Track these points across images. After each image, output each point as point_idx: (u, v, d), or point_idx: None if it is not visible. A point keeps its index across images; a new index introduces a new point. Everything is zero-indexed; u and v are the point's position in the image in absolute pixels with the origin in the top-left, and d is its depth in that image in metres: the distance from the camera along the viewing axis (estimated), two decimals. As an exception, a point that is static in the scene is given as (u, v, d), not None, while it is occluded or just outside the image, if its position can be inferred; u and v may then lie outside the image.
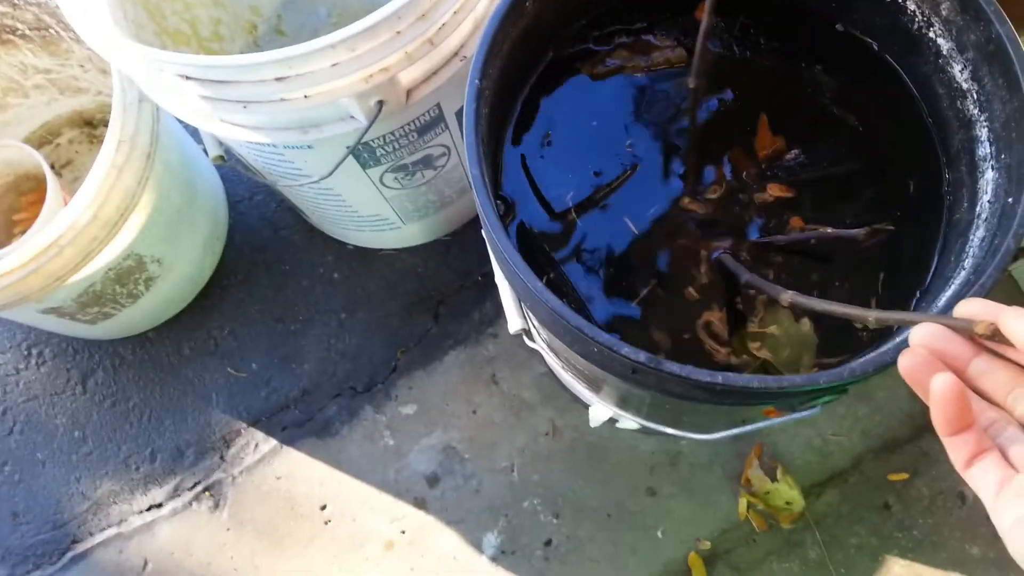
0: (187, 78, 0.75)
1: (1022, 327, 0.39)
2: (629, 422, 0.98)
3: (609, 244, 0.74)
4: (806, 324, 0.71)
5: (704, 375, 0.57)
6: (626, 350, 0.58)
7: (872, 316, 0.49)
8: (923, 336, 0.43)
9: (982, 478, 0.41)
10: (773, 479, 1.09)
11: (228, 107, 0.78)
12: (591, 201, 0.75)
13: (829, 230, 0.70)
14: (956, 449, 0.41)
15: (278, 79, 0.73)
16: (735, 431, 0.81)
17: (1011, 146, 0.64)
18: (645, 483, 1.13)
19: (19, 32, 1.14)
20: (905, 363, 0.43)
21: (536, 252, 0.74)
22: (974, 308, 0.42)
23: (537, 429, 1.16)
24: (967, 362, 0.43)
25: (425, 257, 1.27)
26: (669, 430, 0.85)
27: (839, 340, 0.70)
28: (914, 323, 0.44)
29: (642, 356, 0.58)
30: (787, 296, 0.61)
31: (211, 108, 0.80)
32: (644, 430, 0.97)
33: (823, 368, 0.69)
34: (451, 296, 1.25)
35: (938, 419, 0.41)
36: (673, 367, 0.58)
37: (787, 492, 1.09)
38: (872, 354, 0.59)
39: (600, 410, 0.98)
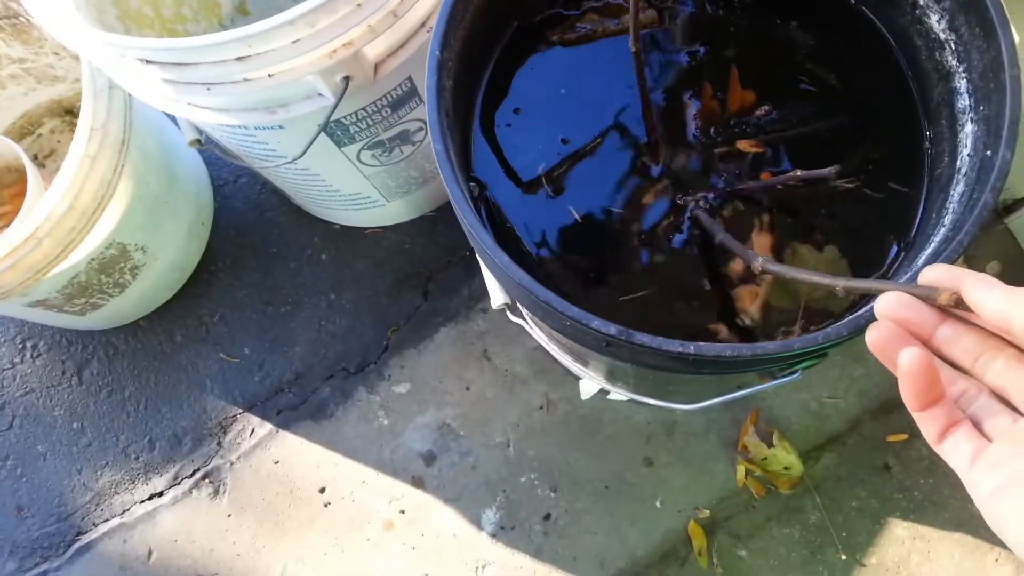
0: (148, 62, 0.73)
1: (984, 295, 0.38)
2: (619, 394, 0.97)
3: (587, 210, 0.73)
4: (831, 251, 0.70)
5: (675, 346, 0.56)
6: (596, 323, 0.57)
7: (840, 284, 0.47)
8: (887, 305, 0.42)
9: (955, 451, 0.40)
10: (770, 445, 1.08)
11: (192, 89, 0.77)
12: (561, 170, 0.74)
13: (798, 172, 0.68)
14: (927, 423, 0.40)
15: (239, 59, 0.71)
16: (719, 399, 0.80)
17: (989, 97, 0.62)
18: (641, 453, 1.13)
19: (-10, 23, 1.12)
20: (872, 337, 0.42)
21: (508, 226, 0.73)
22: (937, 275, 0.41)
23: (531, 403, 1.15)
24: (933, 329, 0.41)
25: (412, 234, 1.26)
26: (656, 402, 0.84)
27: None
28: (881, 291, 0.42)
29: (612, 329, 0.57)
30: (758, 263, 0.59)
31: (176, 92, 0.79)
32: (635, 401, 0.97)
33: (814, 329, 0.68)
34: (439, 272, 1.24)
35: (907, 394, 0.39)
36: (644, 339, 0.56)
37: (784, 457, 1.08)
38: (847, 318, 0.58)
39: (590, 383, 0.97)
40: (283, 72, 0.74)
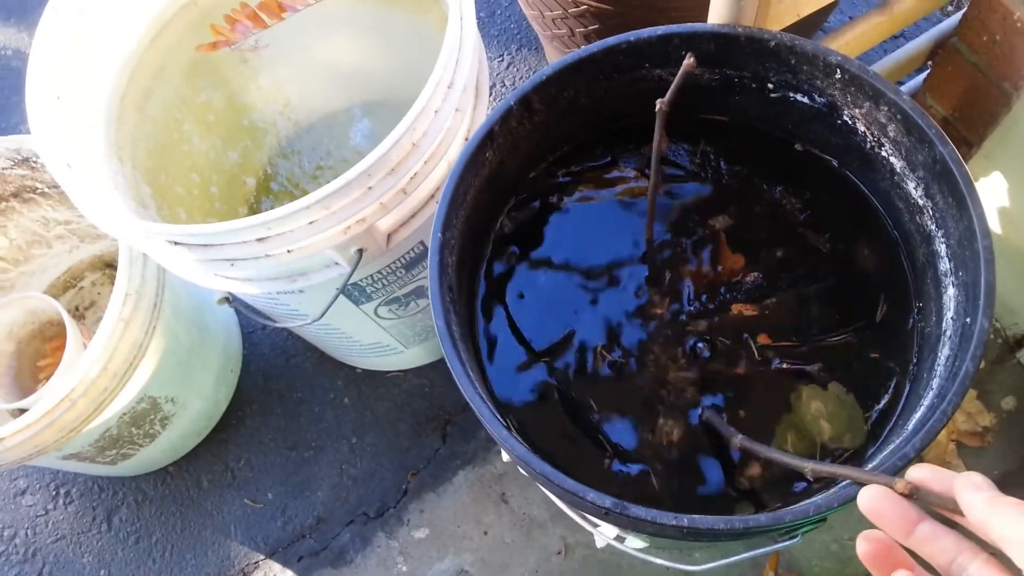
0: (176, 243, 0.79)
1: (968, 498, 0.39)
2: (636, 542, 0.97)
3: (593, 382, 0.76)
4: (836, 387, 0.72)
5: (669, 518, 0.58)
6: (591, 496, 0.59)
7: (808, 467, 0.49)
8: (870, 499, 0.44)
9: None
10: (791, 590, 1.06)
11: (217, 265, 0.83)
12: (563, 341, 0.77)
13: (784, 366, 0.71)
14: None
15: (259, 239, 0.77)
16: (726, 561, 0.80)
17: (966, 264, 0.64)
18: (662, 599, 1.11)
19: (39, 191, 1.21)
20: (863, 550, 0.43)
21: (514, 389, 0.76)
22: (924, 475, 0.43)
23: (548, 548, 1.15)
24: (913, 526, 0.43)
25: (431, 376, 1.29)
26: (663, 562, 0.84)
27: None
28: (844, 477, 0.44)
29: (607, 502, 0.59)
30: (737, 440, 0.61)
31: (203, 267, 0.84)
32: (650, 550, 0.96)
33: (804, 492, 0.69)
34: (457, 415, 1.26)
35: None
36: (638, 511, 0.58)
37: (808, 603, 1.06)
38: (834, 489, 0.59)
39: (605, 532, 0.97)
40: (301, 249, 0.79)
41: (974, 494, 0.39)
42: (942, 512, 0.43)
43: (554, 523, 1.16)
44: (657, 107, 0.68)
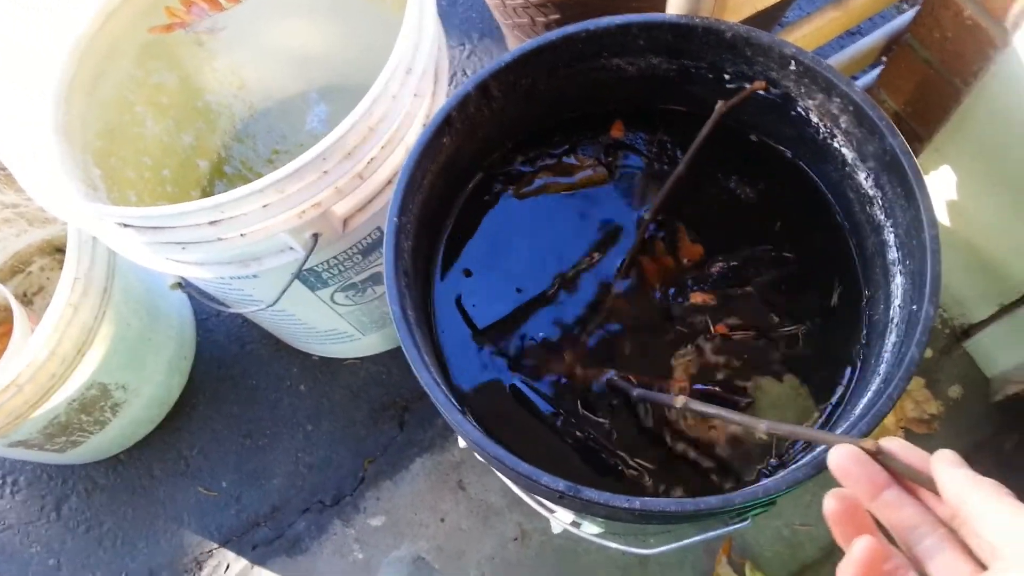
0: (126, 226, 0.78)
1: (949, 474, 0.41)
2: (592, 527, 0.97)
3: (538, 363, 0.76)
4: (791, 379, 0.74)
5: (622, 501, 0.58)
6: (545, 479, 0.59)
7: (763, 427, 0.50)
8: (840, 457, 0.45)
9: None
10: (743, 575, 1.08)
11: (168, 248, 0.81)
12: (516, 319, 0.77)
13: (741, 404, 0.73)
14: None
15: (212, 223, 0.75)
16: (679, 544, 0.81)
17: (913, 253, 0.66)
18: (617, 585, 1.12)
19: (-16, 173, 1.18)
20: (830, 507, 0.44)
21: (472, 376, 0.76)
22: (894, 446, 0.44)
23: (505, 535, 1.15)
24: (880, 490, 0.44)
25: (389, 364, 1.29)
26: (617, 546, 0.85)
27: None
28: (801, 437, 0.45)
29: (561, 485, 0.59)
30: (680, 399, 0.62)
31: (153, 250, 0.83)
32: (606, 535, 0.97)
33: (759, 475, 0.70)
34: (415, 402, 1.26)
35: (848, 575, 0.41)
36: (592, 494, 0.58)
37: (759, 588, 1.07)
38: (784, 472, 0.60)
39: (561, 518, 0.98)
40: (254, 232, 0.78)
41: (954, 469, 0.41)
42: (907, 482, 0.44)
43: (511, 510, 1.17)
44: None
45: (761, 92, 0.76)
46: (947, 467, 0.41)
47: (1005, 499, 0.38)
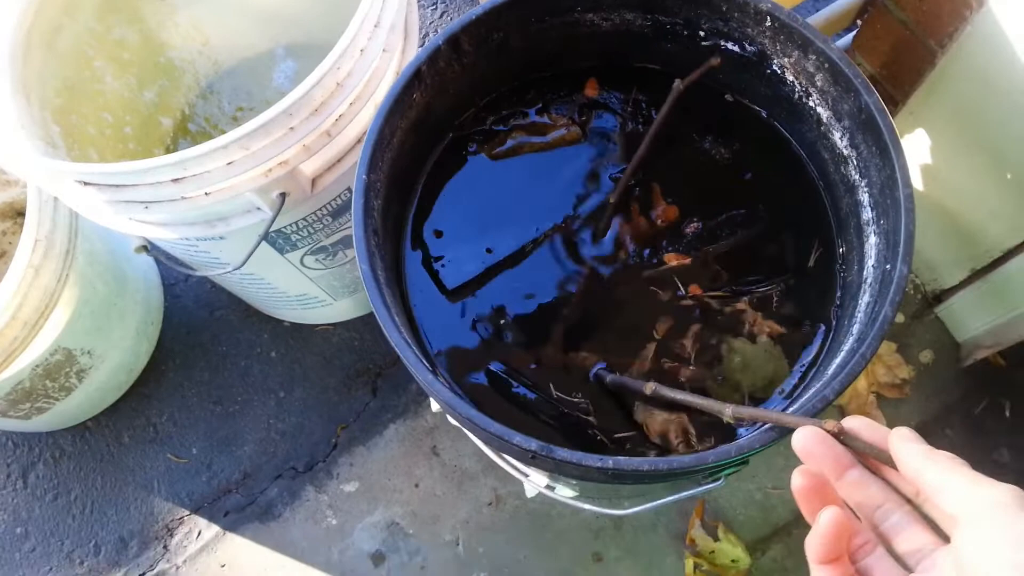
0: (87, 184, 0.75)
1: (905, 449, 0.41)
2: (565, 490, 0.97)
3: (517, 324, 0.75)
4: (764, 340, 0.73)
5: (595, 460, 0.58)
6: (517, 439, 0.59)
7: (728, 410, 0.50)
8: (804, 439, 0.45)
9: None
10: (715, 538, 1.09)
11: (131, 207, 0.79)
12: (487, 279, 0.76)
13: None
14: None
15: (175, 180, 0.73)
16: (653, 504, 0.81)
17: (887, 212, 0.65)
18: (591, 548, 1.12)
19: (-59, 132, 1.14)
20: (798, 484, 0.44)
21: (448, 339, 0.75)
22: (856, 424, 0.44)
23: (480, 499, 1.15)
24: (845, 470, 0.44)
25: (361, 330, 1.27)
26: (591, 507, 0.85)
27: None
28: (764, 420, 0.45)
29: (533, 444, 0.58)
30: (650, 386, 0.62)
31: (115, 210, 0.80)
32: (580, 498, 0.97)
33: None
34: (388, 368, 1.25)
35: (815, 548, 0.41)
36: (564, 454, 0.58)
37: (731, 550, 1.08)
38: (756, 432, 0.60)
39: (535, 481, 0.98)
40: (220, 191, 0.76)
41: (910, 445, 0.41)
42: (871, 460, 0.44)
43: (485, 475, 1.16)
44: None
45: (736, 50, 0.75)
46: (904, 443, 0.41)
47: (960, 469, 0.39)
